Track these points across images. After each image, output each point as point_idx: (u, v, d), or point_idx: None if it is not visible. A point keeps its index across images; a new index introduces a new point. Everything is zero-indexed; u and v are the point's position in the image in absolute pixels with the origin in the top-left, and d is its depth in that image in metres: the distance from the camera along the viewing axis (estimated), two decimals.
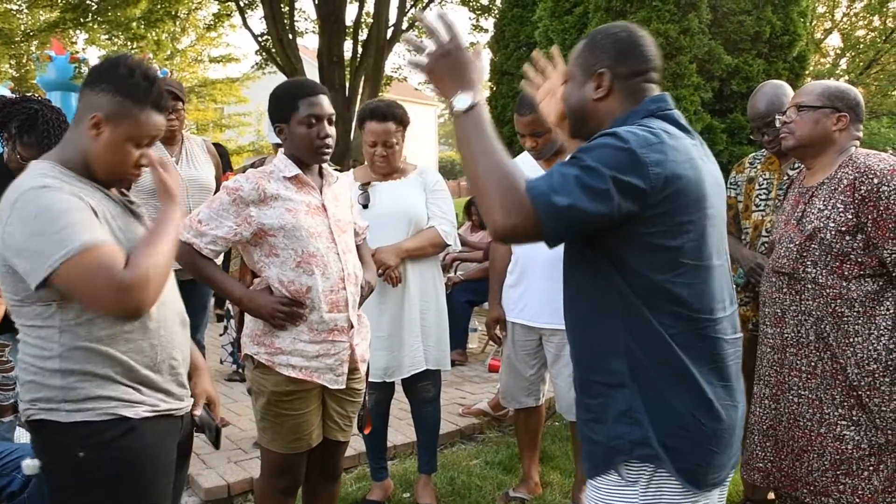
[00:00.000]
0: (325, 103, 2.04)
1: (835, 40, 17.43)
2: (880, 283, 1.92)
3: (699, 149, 1.38)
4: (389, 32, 11.45)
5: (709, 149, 1.45)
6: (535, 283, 2.70)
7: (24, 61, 17.89)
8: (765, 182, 2.67)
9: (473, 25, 13.72)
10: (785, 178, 2.60)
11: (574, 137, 1.52)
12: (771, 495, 2.65)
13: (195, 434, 1.74)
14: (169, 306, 1.59)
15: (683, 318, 1.31)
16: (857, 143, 2.09)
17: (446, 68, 1.32)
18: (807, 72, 5.03)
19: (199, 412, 1.66)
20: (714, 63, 4.60)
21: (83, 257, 1.32)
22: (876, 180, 1.89)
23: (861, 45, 15.93)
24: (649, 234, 1.27)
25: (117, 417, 1.45)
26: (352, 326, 2.09)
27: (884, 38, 15.33)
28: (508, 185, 1.22)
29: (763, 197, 2.66)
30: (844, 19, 16.60)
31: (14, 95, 2.62)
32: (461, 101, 1.29)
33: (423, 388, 2.84)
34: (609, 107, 1.41)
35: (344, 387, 2.11)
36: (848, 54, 16.44)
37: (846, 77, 15.61)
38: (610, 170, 1.21)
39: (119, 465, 1.46)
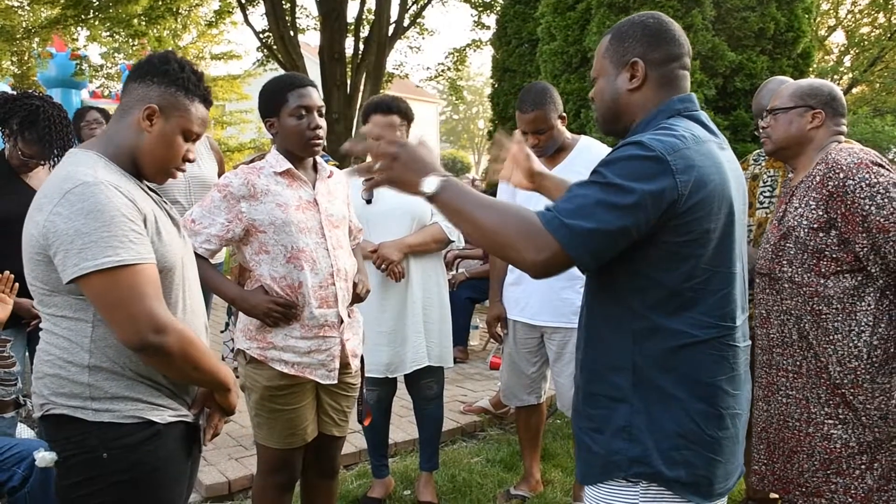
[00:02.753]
0: (314, 95, 2.05)
1: (839, 37, 17.39)
2: (859, 279, 1.90)
3: (725, 152, 1.36)
4: (391, 29, 11.42)
5: None
6: (535, 280, 2.69)
7: (25, 58, 17.88)
8: (769, 179, 2.66)
9: (475, 22, 13.67)
10: (789, 174, 2.59)
11: (607, 134, 1.51)
12: (774, 494, 2.64)
13: None
14: (198, 315, 1.59)
15: (705, 327, 1.29)
16: (841, 137, 2.07)
17: (402, 169, 1.30)
18: (811, 69, 5.00)
19: (195, 412, 1.62)
20: (717, 60, 4.58)
21: (119, 273, 1.32)
22: (842, 175, 1.87)
23: (865, 43, 15.87)
24: (676, 243, 1.25)
25: (144, 421, 1.44)
26: (342, 322, 2.09)
27: (888, 35, 15.27)
28: (524, 225, 1.20)
29: (767, 194, 2.65)
30: (849, 16, 16.54)
31: (15, 92, 2.62)
32: (429, 184, 1.27)
33: (426, 386, 2.83)
34: (644, 97, 1.38)
35: (336, 382, 2.11)
36: (852, 51, 16.39)
37: (850, 74, 15.57)
38: (635, 182, 1.19)
39: (141, 469, 1.44)
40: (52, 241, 1.34)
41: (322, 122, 2.06)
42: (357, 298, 2.19)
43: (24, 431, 2.74)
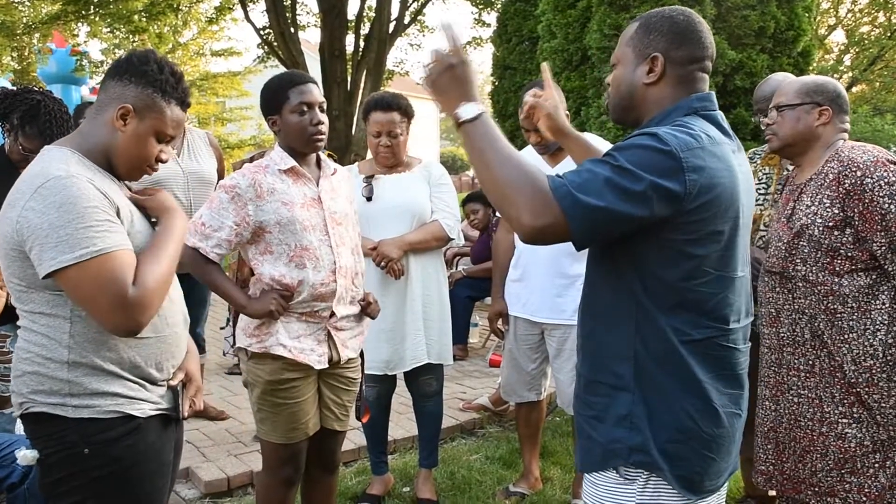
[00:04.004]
0: (316, 91, 2.06)
1: (839, 36, 17.39)
2: (873, 277, 1.90)
3: (738, 154, 1.35)
4: (391, 26, 11.42)
5: None
6: (537, 277, 2.69)
7: (25, 54, 17.87)
8: (764, 177, 2.66)
9: (476, 19, 13.68)
10: (784, 172, 2.59)
11: (617, 123, 1.50)
12: (772, 492, 2.64)
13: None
14: (177, 304, 1.59)
15: (701, 326, 1.29)
16: (845, 135, 2.06)
17: (449, 81, 1.31)
18: (811, 67, 5.00)
19: (174, 382, 1.60)
20: (718, 58, 4.57)
21: (96, 263, 1.32)
22: (859, 173, 1.87)
23: (865, 42, 15.88)
24: (678, 241, 1.25)
25: (123, 415, 1.44)
26: (332, 315, 2.10)
27: (888, 34, 15.28)
28: (533, 185, 1.19)
29: (762, 191, 2.65)
30: (849, 15, 16.55)
31: (15, 88, 2.61)
32: (469, 110, 1.28)
33: (426, 383, 2.83)
34: (659, 93, 1.37)
35: (327, 366, 2.11)
36: (852, 50, 16.40)
37: (850, 73, 15.57)
38: (646, 172, 1.18)
39: (122, 464, 1.45)
40: (26, 237, 1.33)
41: (324, 117, 2.07)
42: (368, 314, 2.23)
43: (23, 427, 2.73)
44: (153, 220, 1.56)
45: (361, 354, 2.29)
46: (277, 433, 2.09)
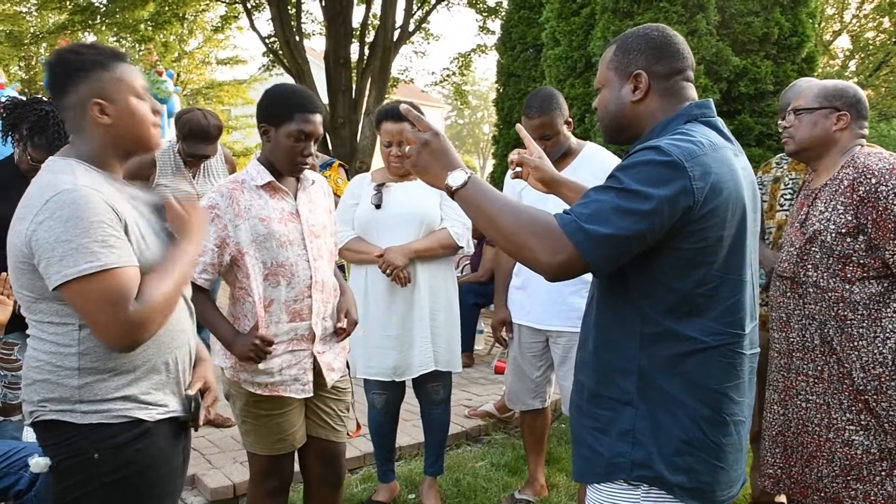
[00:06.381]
0: (318, 123, 2.02)
1: (844, 42, 17.37)
2: (885, 285, 1.89)
3: (739, 158, 1.36)
4: (396, 34, 11.48)
5: None
6: (541, 285, 2.69)
7: (33, 63, 18.01)
8: (790, 182, 2.63)
9: (480, 27, 13.73)
10: (807, 176, 2.58)
11: (611, 143, 1.52)
12: (780, 498, 2.63)
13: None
14: (182, 306, 1.59)
15: (715, 333, 1.29)
16: (863, 141, 2.05)
17: (429, 158, 1.33)
18: (815, 73, 4.99)
19: (192, 392, 1.61)
20: (722, 65, 4.59)
21: (98, 279, 1.33)
22: (874, 180, 1.86)
23: (871, 47, 15.85)
24: (689, 249, 1.25)
25: (132, 420, 1.45)
26: (314, 336, 2.06)
27: (894, 39, 15.25)
28: (541, 227, 1.22)
29: (788, 196, 2.62)
30: (854, 21, 16.53)
31: (24, 98, 2.63)
32: (456, 178, 1.30)
33: (433, 390, 2.83)
34: (648, 108, 1.39)
35: (311, 395, 2.08)
36: (857, 56, 16.37)
37: (855, 79, 15.54)
38: (652, 187, 1.19)
39: (132, 468, 1.46)
40: (35, 250, 1.35)
41: (314, 148, 2.04)
42: (343, 331, 2.16)
43: (31, 435, 2.75)
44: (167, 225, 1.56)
45: (347, 364, 2.27)
46: (262, 444, 2.06)
